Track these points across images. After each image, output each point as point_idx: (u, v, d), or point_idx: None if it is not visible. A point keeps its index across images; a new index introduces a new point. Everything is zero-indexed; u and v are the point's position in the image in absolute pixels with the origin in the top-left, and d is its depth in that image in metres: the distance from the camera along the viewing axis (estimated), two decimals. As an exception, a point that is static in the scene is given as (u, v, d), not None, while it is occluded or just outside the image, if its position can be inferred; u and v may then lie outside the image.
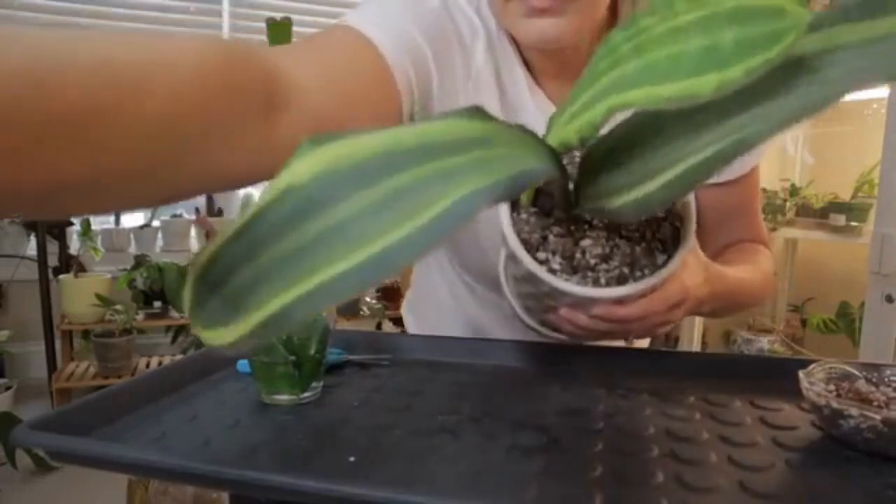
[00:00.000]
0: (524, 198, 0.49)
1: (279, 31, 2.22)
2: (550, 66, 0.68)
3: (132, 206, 0.37)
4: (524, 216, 0.49)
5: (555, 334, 0.60)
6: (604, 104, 0.36)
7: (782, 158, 2.01)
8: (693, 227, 0.48)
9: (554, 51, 0.64)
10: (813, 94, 0.33)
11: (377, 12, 0.57)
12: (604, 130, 0.40)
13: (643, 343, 0.89)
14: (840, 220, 1.59)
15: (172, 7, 2.66)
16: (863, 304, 1.42)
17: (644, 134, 0.40)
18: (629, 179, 0.39)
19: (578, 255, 0.48)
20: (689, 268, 0.54)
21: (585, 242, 0.48)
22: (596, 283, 0.47)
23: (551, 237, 0.48)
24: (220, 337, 0.29)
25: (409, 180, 0.28)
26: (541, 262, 0.47)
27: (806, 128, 1.94)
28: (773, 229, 1.78)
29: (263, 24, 2.23)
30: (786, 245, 1.99)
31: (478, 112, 0.34)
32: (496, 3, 0.60)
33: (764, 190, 1.86)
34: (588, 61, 0.40)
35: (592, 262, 0.48)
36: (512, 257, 0.49)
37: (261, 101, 0.40)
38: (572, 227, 0.48)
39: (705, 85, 0.31)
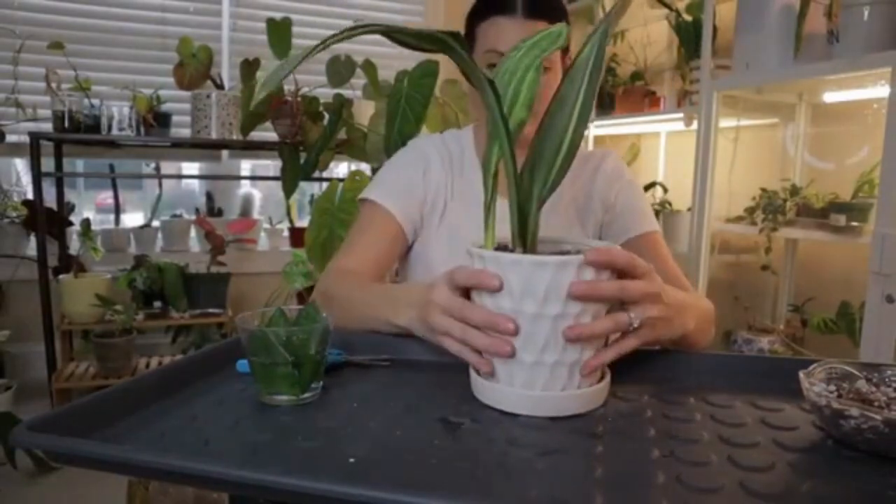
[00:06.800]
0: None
1: (279, 31, 2.22)
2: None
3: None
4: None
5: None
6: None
7: (783, 158, 2.01)
8: None
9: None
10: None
11: (388, 184, 0.99)
12: None
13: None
14: (840, 220, 1.58)
15: (172, 7, 2.66)
16: (863, 305, 1.42)
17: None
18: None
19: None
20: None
21: None
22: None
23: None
24: None
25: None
26: None
27: (806, 128, 1.93)
28: (774, 229, 1.78)
29: (263, 24, 2.23)
30: (786, 245, 1.98)
31: None
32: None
33: (764, 190, 1.86)
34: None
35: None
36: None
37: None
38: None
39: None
